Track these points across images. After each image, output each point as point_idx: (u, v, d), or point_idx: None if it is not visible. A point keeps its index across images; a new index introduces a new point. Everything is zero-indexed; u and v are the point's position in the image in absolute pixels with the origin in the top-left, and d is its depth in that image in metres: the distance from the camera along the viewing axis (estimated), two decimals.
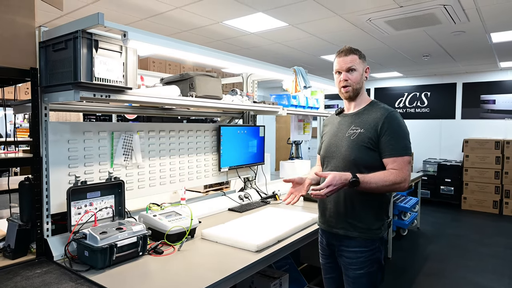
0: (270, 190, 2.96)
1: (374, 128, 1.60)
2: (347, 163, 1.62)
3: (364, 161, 1.59)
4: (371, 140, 1.59)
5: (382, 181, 1.51)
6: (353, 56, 1.66)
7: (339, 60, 1.69)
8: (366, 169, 1.57)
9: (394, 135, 1.57)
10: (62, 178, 1.69)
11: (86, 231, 1.51)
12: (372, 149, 1.59)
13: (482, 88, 6.81)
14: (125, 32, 1.47)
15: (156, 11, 3.58)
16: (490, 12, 3.48)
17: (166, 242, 1.74)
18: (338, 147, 1.68)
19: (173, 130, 2.27)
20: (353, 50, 1.68)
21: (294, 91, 2.77)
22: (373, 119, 1.62)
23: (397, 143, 1.56)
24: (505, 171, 6.01)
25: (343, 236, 1.65)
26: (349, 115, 1.74)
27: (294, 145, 7.56)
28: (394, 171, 1.53)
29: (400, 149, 1.56)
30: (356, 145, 1.61)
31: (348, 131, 1.67)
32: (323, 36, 4.45)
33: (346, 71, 1.66)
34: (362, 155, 1.59)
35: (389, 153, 1.56)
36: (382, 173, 1.53)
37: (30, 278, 1.36)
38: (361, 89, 1.71)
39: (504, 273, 3.56)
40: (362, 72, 1.69)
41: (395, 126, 1.58)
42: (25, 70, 1.54)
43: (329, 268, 1.82)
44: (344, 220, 1.65)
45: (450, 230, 5.09)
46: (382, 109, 1.65)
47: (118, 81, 1.54)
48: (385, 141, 1.57)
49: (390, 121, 1.58)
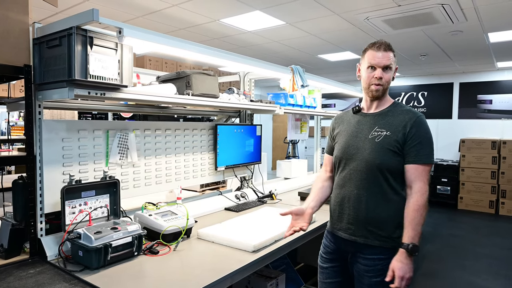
0: (266, 190, 2.95)
1: (402, 131, 1.51)
2: (370, 167, 1.53)
3: (388, 166, 1.51)
4: (397, 143, 1.51)
5: (418, 218, 1.45)
6: (391, 54, 1.55)
7: (376, 54, 1.54)
8: (390, 173, 1.52)
9: (421, 141, 1.50)
10: (56, 176, 1.67)
11: (81, 231, 1.49)
12: (398, 153, 1.51)
13: (479, 88, 6.83)
14: (121, 28, 1.45)
15: (152, 9, 3.55)
16: (488, 12, 3.48)
17: (162, 242, 1.72)
18: (360, 149, 1.57)
19: (169, 128, 2.25)
20: (390, 46, 1.56)
21: (292, 90, 2.76)
22: (400, 122, 1.53)
23: (422, 150, 1.50)
24: (502, 171, 6.03)
25: (362, 244, 1.54)
26: (371, 115, 1.62)
27: (291, 144, 7.55)
28: (415, 197, 1.47)
29: (424, 156, 1.50)
30: (382, 148, 1.52)
31: (372, 133, 1.57)
32: (320, 35, 4.44)
33: (383, 69, 1.54)
34: (387, 158, 1.51)
35: (412, 159, 1.50)
36: (412, 211, 1.45)
37: (23, 278, 1.34)
38: (388, 89, 1.62)
39: (500, 273, 3.57)
40: (394, 72, 1.60)
41: (423, 132, 1.52)
42: (18, 67, 1.51)
43: (332, 272, 1.68)
44: (364, 228, 1.54)
45: (447, 230, 5.11)
46: (410, 112, 1.56)
47: (114, 78, 1.52)
48: (410, 146, 1.50)
49: (419, 126, 1.52)
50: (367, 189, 1.54)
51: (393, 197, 1.53)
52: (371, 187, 1.54)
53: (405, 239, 1.43)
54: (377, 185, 1.53)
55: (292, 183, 3.45)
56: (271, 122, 9.41)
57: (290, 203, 2.77)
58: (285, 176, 3.63)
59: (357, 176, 1.57)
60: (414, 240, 1.42)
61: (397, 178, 1.53)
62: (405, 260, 1.42)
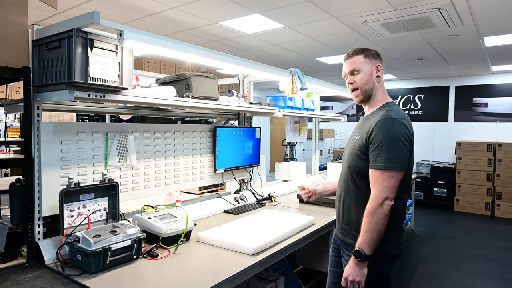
0: (265, 192, 2.95)
1: (365, 135, 1.52)
2: (346, 170, 1.65)
3: (357, 169, 1.57)
4: (361, 147, 1.54)
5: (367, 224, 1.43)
6: (356, 57, 1.60)
7: (344, 64, 1.66)
8: (358, 176, 1.57)
9: (379, 145, 1.45)
10: (55, 179, 1.65)
11: (79, 234, 1.48)
12: (363, 157, 1.53)
13: (475, 91, 6.89)
14: (121, 31, 1.44)
15: (151, 11, 3.54)
16: (484, 16, 3.51)
17: (161, 245, 1.71)
18: (345, 153, 1.70)
19: (168, 131, 2.24)
20: (357, 50, 1.61)
21: (291, 93, 2.76)
22: (369, 125, 1.53)
23: (380, 154, 1.44)
24: (497, 173, 6.07)
25: (342, 241, 1.68)
26: (361, 119, 1.70)
27: (289, 147, 7.55)
28: (369, 203, 1.46)
29: (381, 161, 1.44)
30: (352, 152, 1.60)
31: (353, 137, 1.67)
32: (318, 38, 4.46)
33: (350, 74, 1.62)
34: (355, 163, 1.57)
35: (371, 164, 1.48)
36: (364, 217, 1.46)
37: (21, 282, 1.32)
38: (373, 90, 1.60)
39: (497, 275, 3.59)
40: (370, 72, 1.58)
41: (383, 135, 1.45)
42: (17, 69, 1.50)
43: (334, 262, 1.81)
44: (341, 226, 1.69)
45: (443, 232, 5.13)
46: (380, 114, 1.52)
47: (114, 81, 1.51)
48: (371, 150, 1.49)
49: (379, 128, 1.47)
50: (344, 190, 1.67)
51: (363, 199, 1.52)
52: (347, 189, 1.65)
53: (356, 244, 1.48)
54: (351, 187, 1.62)
55: (290, 186, 3.44)
56: (269, 125, 9.41)
57: (289, 206, 2.76)
58: (283, 178, 3.63)
59: (341, 178, 1.72)
60: (362, 246, 1.44)
61: (366, 182, 1.53)
62: (352, 263, 1.49)
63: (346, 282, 1.50)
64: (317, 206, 2.71)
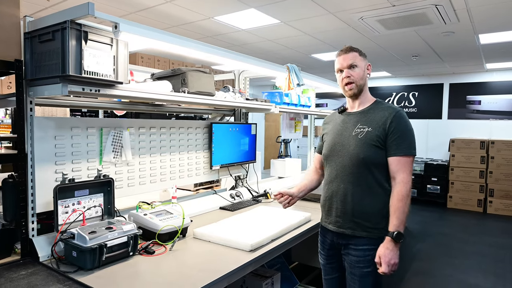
0: (261, 189, 2.94)
1: (382, 126, 1.60)
2: (356, 162, 1.62)
3: (372, 159, 1.60)
4: (379, 138, 1.60)
5: (402, 207, 1.52)
6: (353, 53, 1.67)
7: (340, 58, 1.70)
8: (374, 167, 1.60)
9: (401, 134, 1.58)
10: (49, 175, 1.62)
11: (74, 231, 1.45)
12: (380, 147, 1.60)
13: (468, 89, 6.94)
14: (117, 23, 1.41)
15: (145, 5, 3.49)
16: (480, 13, 3.53)
17: (158, 241, 1.69)
18: (345, 146, 1.67)
19: (164, 127, 2.21)
20: (352, 47, 1.69)
21: (288, 89, 2.75)
22: (381, 117, 1.63)
23: (403, 143, 1.57)
24: (490, 171, 6.14)
25: (350, 236, 1.64)
26: (355, 114, 1.72)
27: (283, 144, 7.55)
28: (398, 187, 1.54)
29: (405, 148, 1.57)
30: (365, 143, 1.61)
31: (355, 130, 1.66)
32: (314, 34, 4.44)
33: (348, 68, 1.67)
34: (371, 153, 1.60)
35: (394, 151, 1.58)
36: (396, 201, 1.53)
37: (15, 280, 1.29)
38: (365, 86, 1.71)
39: (489, 270, 3.63)
40: (364, 69, 1.69)
41: (403, 126, 1.60)
42: (9, 62, 1.46)
43: (330, 269, 1.79)
44: (350, 220, 1.63)
45: (436, 228, 5.18)
46: (390, 108, 1.66)
47: (109, 75, 1.48)
48: (391, 139, 1.58)
49: (398, 120, 1.60)
50: (352, 183, 1.63)
51: (378, 190, 1.61)
52: (357, 181, 1.63)
53: (390, 228, 1.52)
54: (362, 178, 1.62)
55: (286, 182, 3.44)
56: (263, 121, 9.40)
57: None
58: (279, 175, 3.62)
59: (343, 171, 1.66)
60: (399, 228, 1.51)
61: (381, 171, 1.61)
62: (390, 246, 1.50)
63: (387, 266, 1.49)
64: (313, 203, 2.71)
